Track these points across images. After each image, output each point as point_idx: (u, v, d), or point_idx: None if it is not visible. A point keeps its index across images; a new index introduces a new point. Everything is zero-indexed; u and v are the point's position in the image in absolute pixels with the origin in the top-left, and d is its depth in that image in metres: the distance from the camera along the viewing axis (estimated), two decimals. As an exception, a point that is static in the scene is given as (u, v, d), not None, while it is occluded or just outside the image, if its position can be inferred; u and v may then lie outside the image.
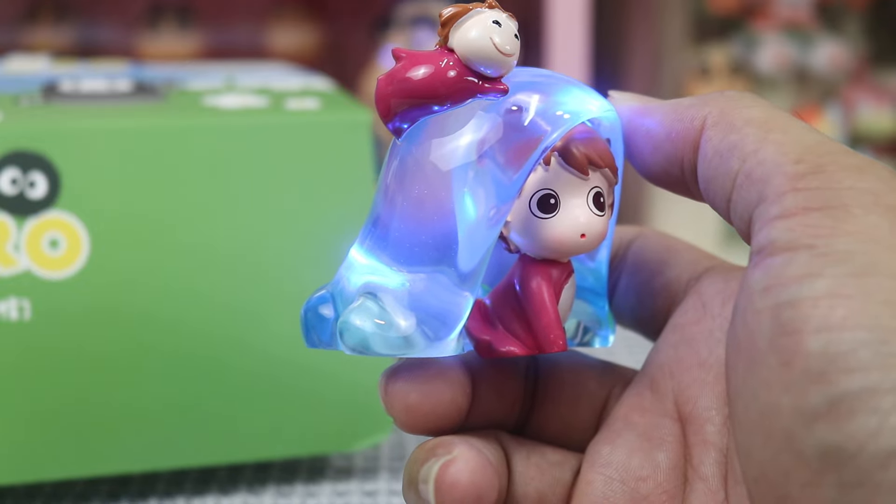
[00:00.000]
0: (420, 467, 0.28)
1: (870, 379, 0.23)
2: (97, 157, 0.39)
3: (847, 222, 0.24)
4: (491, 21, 0.27)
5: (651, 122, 0.29)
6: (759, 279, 0.25)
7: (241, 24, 0.80)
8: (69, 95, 0.44)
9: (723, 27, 0.74)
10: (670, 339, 0.30)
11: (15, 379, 0.38)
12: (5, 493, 0.41)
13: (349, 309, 0.27)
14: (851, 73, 0.71)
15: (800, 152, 0.26)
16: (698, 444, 0.28)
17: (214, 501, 0.41)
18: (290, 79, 0.50)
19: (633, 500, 0.28)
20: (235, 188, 0.40)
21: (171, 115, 0.41)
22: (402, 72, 0.27)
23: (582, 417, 0.31)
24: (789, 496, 0.24)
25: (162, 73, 0.51)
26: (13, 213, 0.38)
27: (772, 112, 0.27)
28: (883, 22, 0.78)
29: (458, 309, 0.27)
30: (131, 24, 0.79)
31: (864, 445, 0.23)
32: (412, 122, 0.27)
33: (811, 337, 0.24)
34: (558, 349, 0.28)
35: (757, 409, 0.25)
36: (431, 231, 0.27)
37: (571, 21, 0.61)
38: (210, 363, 0.40)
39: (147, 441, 0.40)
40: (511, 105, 0.27)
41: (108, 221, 0.39)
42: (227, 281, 0.40)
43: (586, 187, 0.28)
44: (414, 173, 0.27)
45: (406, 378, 0.28)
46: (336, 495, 0.41)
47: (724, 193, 0.27)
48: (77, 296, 0.39)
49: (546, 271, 0.28)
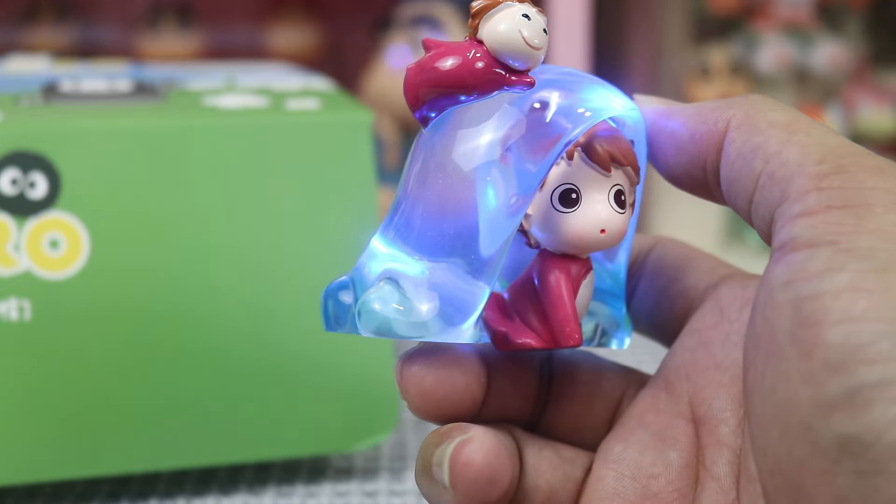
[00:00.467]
0: (434, 450, 0.28)
1: (889, 370, 0.23)
2: (97, 158, 0.39)
3: (869, 220, 0.25)
4: (520, 15, 0.27)
5: (675, 123, 0.29)
6: (780, 274, 0.25)
7: (241, 25, 0.81)
8: (69, 96, 0.44)
9: (723, 27, 0.74)
10: (687, 343, 0.30)
11: (15, 379, 0.38)
12: (5, 494, 0.41)
13: (368, 292, 0.28)
14: (852, 73, 0.72)
15: (822, 153, 0.26)
16: (712, 444, 0.29)
17: (215, 502, 0.41)
18: (291, 79, 0.50)
19: (644, 497, 0.29)
20: (236, 188, 0.40)
21: (171, 115, 0.42)
22: (431, 61, 0.28)
23: (595, 416, 0.31)
24: (804, 486, 0.24)
25: (162, 74, 0.51)
26: (13, 214, 0.39)
27: (795, 115, 0.28)
28: (883, 22, 0.78)
29: (475, 298, 0.28)
30: (131, 24, 0.79)
31: (881, 435, 0.23)
32: (440, 111, 0.28)
33: (831, 328, 0.24)
34: (574, 343, 0.28)
35: (774, 401, 0.25)
36: (453, 222, 0.28)
37: (572, 20, 0.62)
38: (210, 364, 0.40)
39: (147, 441, 0.40)
40: (535, 101, 0.28)
41: (109, 222, 0.39)
42: (228, 282, 0.40)
43: (608, 184, 0.28)
44: (438, 166, 0.28)
45: (422, 362, 0.29)
46: (336, 496, 0.42)
47: (746, 194, 0.27)
48: (77, 296, 0.39)
49: (565, 266, 0.29)
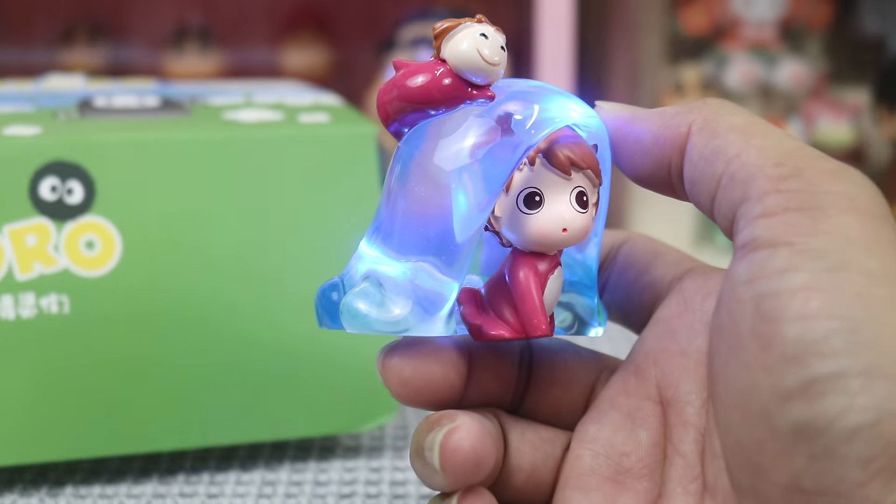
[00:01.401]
0: (426, 436, 0.28)
1: (840, 364, 0.23)
2: (128, 166, 0.39)
3: (823, 222, 0.25)
4: (479, 34, 0.27)
5: (639, 129, 0.29)
6: (742, 271, 0.25)
7: (258, 46, 0.80)
8: (102, 110, 0.44)
9: (695, 47, 0.73)
10: (654, 331, 0.30)
11: (56, 366, 0.38)
12: (48, 469, 0.41)
13: (350, 292, 0.28)
14: (812, 89, 0.71)
15: (780, 156, 0.26)
16: (678, 424, 0.28)
17: (236, 477, 0.41)
18: (303, 95, 0.49)
19: (617, 472, 0.28)
20: (253, 194, 0.40)
21: (194, 128, 0.41)
22: (401, 80, 0.27)
23: (572, 399, 0.31)
24: (763, 465, 0.24)
25: (186, 90, 0.51)
26: (53, 218, 0.38)
27: (752, 119, 0.27)
28: (841, 43, 0.78)
29: (446, 292, 0.27)
30: (158, 46, 0.78)
31: (833, 422, 0.23)
32: (411, 125, 0.28)
33: (789, 325, 0.24)
34: (541, 333, 0.28)
35: (737, 388, 0.25)
36: (428, 225, 0.27)
37: (559, 41, 0.61)
38: (231, 353, 0.40)
39: (174, 422, 0.40)
40: (500, 112, 0.27)
41: (139, 224, 0.39)
42: (246, 278, 0.40)
43: (569, 186, 0.28)
44: (414, 174, 0.27)
45: (401, 355, 0.28)
46: (345, 471, 0.41)
47: (708, 194, 0.27)
48: (111, 291, 0.39)
49: (533, 263, 0.28)
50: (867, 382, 0.23)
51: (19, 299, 0.38)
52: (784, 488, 0.24)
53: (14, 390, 0.38)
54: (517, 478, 0.29)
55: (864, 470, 0.23)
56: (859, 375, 0.23)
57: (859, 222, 0.25)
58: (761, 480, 0.25)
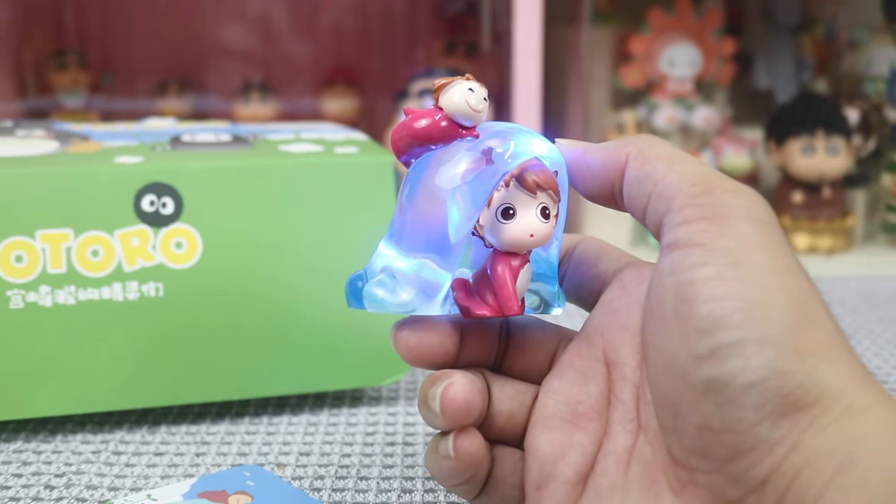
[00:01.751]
0: (429, 389, 0.28)
1: (739, 334, 0.23)
2: (208, 186, 0.39)
3: (727, 228, 0.25)
4: (467, 88, 0.27)
5: (590, 158, 0.28)
6: (666, 266, 0.25)
7: (304, 96, 0.80)
8: (188, 144, 0.44)
9: (632, 97, 0.73)
10: (601, 309, 0.29)
11: (153, 335, 0.39)
12: (148, 412, 0.41)
13: (370, 282, 0.28)
14: (719, 128, 0.71)
15: (694, 178, 0.26)
16: (619, 379, 0.28)
17: (287, 419, 0.41)
18: (338, 133, 0.50)
19: (573, 416, 0.28)
20: (300, 205, 0.40)
21: (257, 157, 0.41)
22: (409, 123, 0.27)
23: (539, 361, 0.31)
24: (681, 410, 0.24)
25: (250, 129, 0.51)
26: (151, 225, 0.39)
27: (673, 150, 0.27)
28: (740, 94, 0.78)
29: (442, 282, 0.27)
30: (229, 97, 0.78)
31: (733, 378, 0.23)
32: (416, 157, 0.28)
33: (701, 305, 0.24)
34: (514, 313, 0.28)
35: (662, 353, 0.25)
36: (430, 230, 0.27)
37: (528, 93, 0.61)
38: (283, 326, 0.40)
39: (242, 378, 0.40)
40: (485, 146, 0.27)
41: (215, 229, 0.39)
42: (295, 268, 0.40)
43: (535, 203, 0.27)
44: (420, 192, 0.27)
45: (408, 328, 0.28)
46: (369, 416, 0.42)
47: (641, 207, 0.27)
48: (194, 279, 0.39)
49: (508, 260, 0.28)
50: (759, 349, 0.23)
51: (126, 286, 0.38)
52: (697, 427, 0.24)
53: (123, 353, 0.38)
54: (498, 420, 0.29)
55: (757, 413, 0.23)
56: (753, 343, 0.23)
57: (754, 228, 0.25)
58: (681, 421, 0.25)
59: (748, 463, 0.23)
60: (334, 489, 0.35)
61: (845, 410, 0.23)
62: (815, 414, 0.23)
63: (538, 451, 0.28)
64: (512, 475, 0.29)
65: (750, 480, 0.23)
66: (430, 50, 0.81)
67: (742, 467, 0.23)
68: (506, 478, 0.29)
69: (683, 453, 0.25)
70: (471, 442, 0.28)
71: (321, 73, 0.82)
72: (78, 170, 0.38)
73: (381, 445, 0.39)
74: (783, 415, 0.23)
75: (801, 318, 0.24)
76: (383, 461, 0.37)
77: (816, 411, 0.23)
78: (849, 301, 0.59)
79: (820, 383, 0.23)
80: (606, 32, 0.73)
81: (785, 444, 0.23)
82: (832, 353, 0.23)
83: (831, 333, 0.24)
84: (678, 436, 0.25)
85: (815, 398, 0.23)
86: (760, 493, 0.23)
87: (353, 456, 0.37)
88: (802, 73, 0.76)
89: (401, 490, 0.34)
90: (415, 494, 0.34)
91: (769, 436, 0.23)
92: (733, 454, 0.23)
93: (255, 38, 0.81)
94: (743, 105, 0.78)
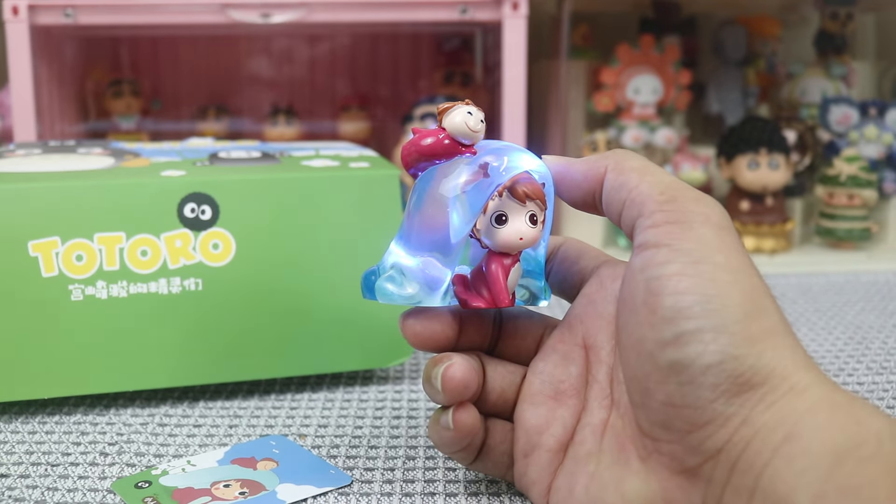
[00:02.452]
0: (432, 369, 0.28)
1: (699, 323, 0.23)
2: (241, 195, 0.39)
3: (689, 231, 0.25)
4: (467, 112, 0.27)
5: (573, 171, 0.28)
6: (637, 263, 0.25)
7: (323, 119, 0.80)
8: (224, 159, 0.44)
9: (603, 120, 0.73)
10: (581, 301, 0.29)
11: (194, 324, 0.38)
12: (188, 390, 0.41)
13: (381, 277, 0.28)
14: (678, 147, 0.72)
15: (662, 188, 0.26)
16: (596, 362, 0.28)
17: (308, 396, 0.41)
18: (352, 151, 0.49)
19: (556, 393, 0.28)
20: (320, 211, 0.40)
21: (283, 170, 0.41)
22: (416, 141, 0.27)
23: (527, 346, 0.30)
24: (649, 388, 0.24)
25: (277, 147, 0.50)
26: (192, 229, 0.38)
27: (645, 162, 0.27)
28: (695, 117, 0.79)
29: (444, 277, 0.27)
30: (260, 120, 0.78)
31: (694, 361, 0.23)
32: (422, 170, 0.28)
33: (666, 297, 0.24)
34: (505, 305, 0.28)
35: (633, 339, 0.25)
36: (434, 232, 0.27)
37: (516, 116, 0.62)
38: (305, 315, 0.40)
39: (269, 360, 0.40)
40: (482, 161, 0.27)
41: (247, 233, 0.39)
42: (316, 266, 0.40)
43: (524, 210, 0.27)
44: (426, 200, 0.27)
45: (414, 317, 0.28)
46: (378, 393, 0.41)
47: (617, 212, 0.27)
48: (229, 276, 0.39)
49: (500, 259, 0.28)
50: (715, 336, 0.23)
51: (170, 281, 0.38)
52: (661, 403, 0.24)
53: (167, 339, 0.38)
54: (491, 396, 0.29)
55: (713, 392, 0.23)
56: (710, 331, 0.23)
57: (713, 232, 0.25)
58: (647, 398, 0.24)
59: (705, 434, 0.23)
60: (348, 456, 0.34)
61: (789, 389, 0.23)
62: (763, 392, 0.23)
63: (525, 424, 0.28)
64: (503, 444, 0.29)
65: (706, 450, 0.23)
66: (431, 79, 0.81)
67: (699, 438, 0.23)
68: (497, 446, 0.29)
69: (649, 425, 0.25)
70: (468, 415, 0.28)
71: (338, 99, 0.82)
72: (130, 182, 0.38)
73: (388, 419, 0.38)
74: (736, 393, 0.23)
75: (751, 310, 0.23)
76: (390, 432, 0.37)
77: (765, 390, 0.23)
78: (789, 294, 0.60)
79: (767, 366, 0.23)
80: (581, 65, 0.74)
81: (737, 419, 0.23)
82: (778, 339, 0.23)
83: (778, 323, 0.24)
84: (645, 410, 0.25)
85: (764, 379, 0.23)
86: (716, 460, 0.23)
87: (364, 428, 0.37)
88: (748, 100, 0.77)
89: (405, 457, 0.34)
90: (417, 461, 0.34)
91: (723, 411, 0.23)
92: (692, 427, 0.23)
93: (281, 70, 0.81)
94: (698, 127, 0.79)
